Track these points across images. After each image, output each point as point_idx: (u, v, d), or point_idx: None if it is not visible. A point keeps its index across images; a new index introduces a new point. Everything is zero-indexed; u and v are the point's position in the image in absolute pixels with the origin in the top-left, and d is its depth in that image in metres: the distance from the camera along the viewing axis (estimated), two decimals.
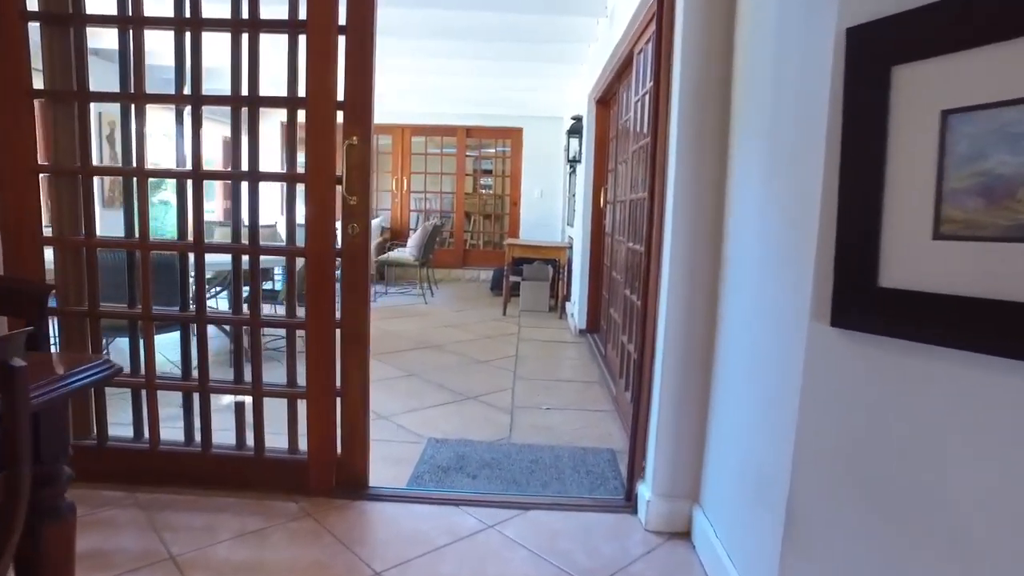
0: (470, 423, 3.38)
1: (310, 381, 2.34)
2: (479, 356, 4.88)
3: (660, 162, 2.22)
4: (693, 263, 2.10)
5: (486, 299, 7.73)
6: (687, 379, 2.16)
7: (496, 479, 2.67)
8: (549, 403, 3.74)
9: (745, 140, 1.88)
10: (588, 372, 4.51)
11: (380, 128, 9.25)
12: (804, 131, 1.39)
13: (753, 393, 1.71)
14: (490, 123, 9.13)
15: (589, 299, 5.66)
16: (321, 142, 2.20)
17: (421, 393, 3.86)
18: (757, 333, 1.69)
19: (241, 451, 2.43)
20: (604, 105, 5.38)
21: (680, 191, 2.09)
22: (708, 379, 2.13)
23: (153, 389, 2.39)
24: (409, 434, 3.17)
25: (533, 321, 6.42)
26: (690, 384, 2.16)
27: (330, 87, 2.18)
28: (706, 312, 2.10)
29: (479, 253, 9.64)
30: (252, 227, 2.29)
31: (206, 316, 2.35)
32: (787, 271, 1.49)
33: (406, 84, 7.05)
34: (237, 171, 2.26)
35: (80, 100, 2.25)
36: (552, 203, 9.04)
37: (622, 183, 4.21)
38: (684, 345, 2.15)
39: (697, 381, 2.15)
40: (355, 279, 2.30)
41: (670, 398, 2.19)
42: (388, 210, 9.54)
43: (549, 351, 5.15)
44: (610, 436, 3.24)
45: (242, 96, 2.22)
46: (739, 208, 1.90)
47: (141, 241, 2.30)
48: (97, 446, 2.43)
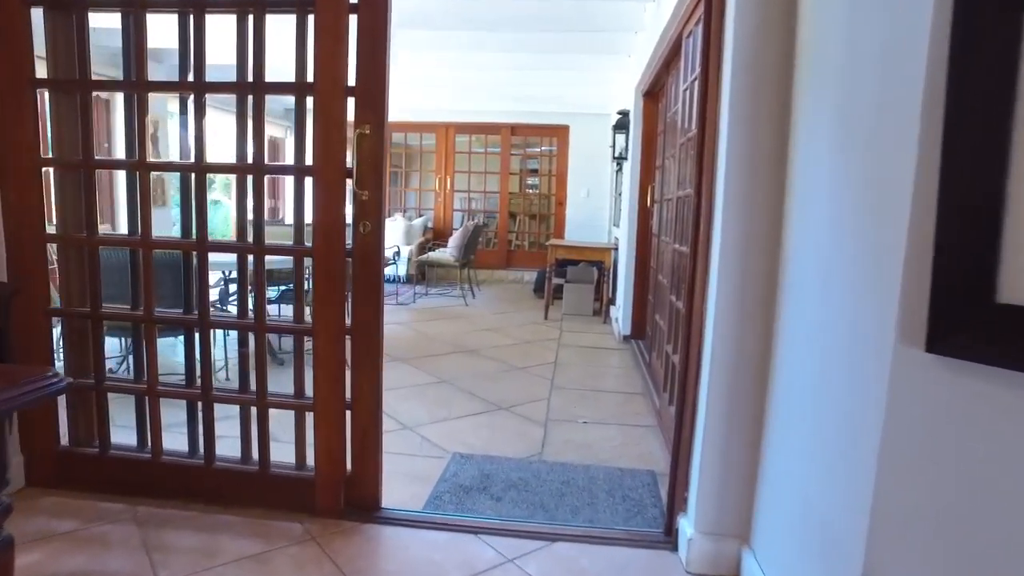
0: (500, 436, 3.15)
1: (317, 392, 2.15)
2: (516, 362, 4.64)
3: (708, 154, 1.94)
4: (745, 267, 1.81)
5: (529, 301, 7.49)
6: (737, 400, 1.88)
7: (522, 502, 2.43)
8: (586, 416, 3.48)
9: (811, 122, 1.58)
10: (630, 382, 4.22)
11: (423, 126, 9.14)
12: (891, 104, 1.11)
13: (818, 426, 1.42)
14: (536, 120, 8.89)
15: (634, 304, 5.35)
16: (330, 132, 2.01)
17: (451, 402, 3.65)
18: (824, 353, 1.40)
19: (246, 465, 2.26)
20: (652, 98, 5.07)
21: (731, 186, 1.80)
22: (762, 401, 1.84)
23: (155, 396, 2.25)
24: (433, 448, 2.96)
25: (576, 325, 6.15)
26: (740, 406, 1.87)
27: (340, 70, 1.98)
28: (760, 323, 1.81)
29: (524, 254, 9.40)
30: (256, 225, 2.11)
31: (209, 320, 2.19)
32: (864, 279, 1.20)
33: (446, 78, 6.88)
34: (242, 164, 2.09)
35: (82, 89, 2.12)
36: (599, 203, 8.73)
37: (669, 180, 3.91)
38: (734, 360, 1.86)
39: (749, 403, 1.86)
40: (367, 282, 2.10)
41: (717, 421, 1.90)
42: (431, 210, 9.41)
43: (590, 358, 4.88)
44: (651, 455, 2.96)
45: (246, 83, 2.05)
46: (802, 203, 1.61)
47: (143, 240, 2.16)
48: (99, 454, 2.30)
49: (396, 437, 3.07)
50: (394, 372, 4.22)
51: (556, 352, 5.00)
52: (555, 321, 6.32)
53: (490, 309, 6.93)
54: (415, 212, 9.50)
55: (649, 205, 5.09)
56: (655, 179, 4.86)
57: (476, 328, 5.85)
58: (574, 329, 5.97)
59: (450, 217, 9.33)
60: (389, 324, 5.88)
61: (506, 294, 8.08)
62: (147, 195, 2.15)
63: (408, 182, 9.99)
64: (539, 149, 9.62)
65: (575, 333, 5.79)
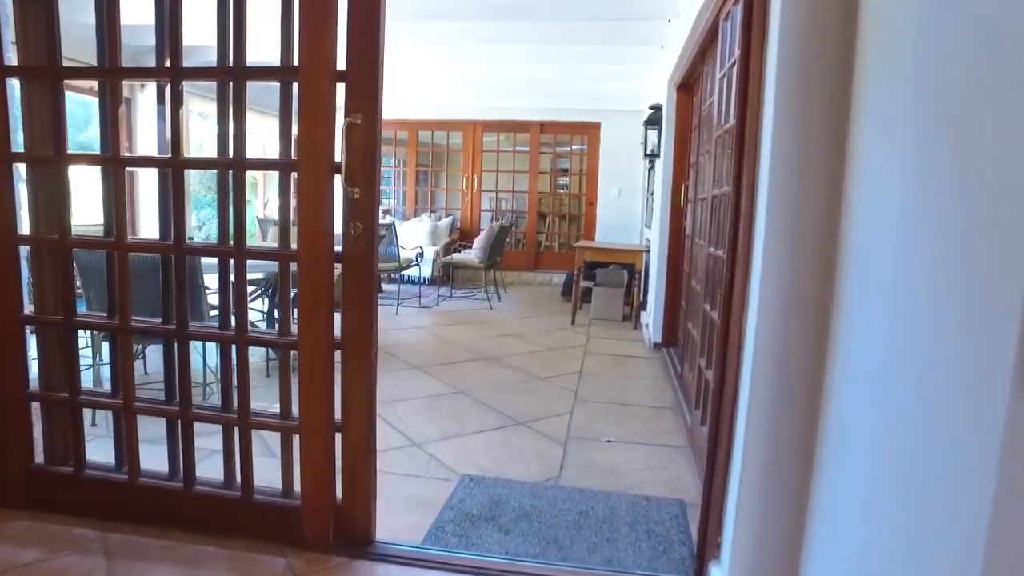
0: (515, 456, 2.89)
1: (303, 412, 1.93)
2: (539, 371, 4.39)
3: (749, 145, 1.66)
4: (793, 276, 1.53)
5: (556, 305, 7.22)
6: (780, 432, 1.59)
7: (534, 536, 2.17)
8: (611, 434, 3.20)
9: (881, 105, 1.29)
10: (660, 395, 3.92)
11: (450, 124, 8.94)
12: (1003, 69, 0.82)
13: (892, 482, 1.13)
14: (566, 118, 8.61)
15: (666, 310, 5.05)
16: (316, 121, 1.78)
17: (465, 415, 3.41)
18: (896, 393, 1.12)
19: (228, 490, 2.05)
20: (686, 91, 4.77)
21: (776, 182, 1.52)
22: (812, 437, 1.55)
23: (131, 413, 2.06)
24: (441, 468, 2.72)
25: (604, 331, 5.86)
26: (784, 440, 1.59)
27: (327, 51, 1.76)
28: (810, 342, 1.53)
29: (553, 256, 9.12)
30: (238, 226, 1.90)
31: (187, 331, 1.99)
32: (958, 297, 0.92)
33: (473, 74, 6.65)
34: (221, 158, 1.88)
35: (52, 77, 1.94)
36: (631, 203, 8.41)
37: (704, 177, 3.61)
38: (777, 387, 1.58)
39: (795, 437, 1.57)
40: (358, 290, 1.87)
41: (756, 456, 1.62)
42: (459, 210, 9.20)
43: (618, 368, 4.59)
44: (680, 481, 2.67)
45: (226, 68, 1.84)
46: (868, 202, 1.32)
47: (117, 242, 1.96)
48: (74, 474, 2.12)
49: (402, 456, 2.84)
50: (408, 381, 4.01)
51: (581, 361, 4.73)
52: (582, 326, 6.04)
53: (515, 313, 6.68)
54: (443, 212, 9.30)
55: (682, 205, 4.78)
56: (689, 177, 4.56)
57: (499, 333, 5.60)
58: (602, 335, 5.68)
59: (477, 217, 9.10)
60: (408, 328, 5.72)
61: (533, 297, 7.82)
62: (122, 192, 1.95)
63: (436, 182, 9.81)
64: (569, 148, 9.33)
65: (603, 340, 5.50)
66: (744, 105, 1.66)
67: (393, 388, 3.83)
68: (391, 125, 9.18)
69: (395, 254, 6.54)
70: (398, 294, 6.88)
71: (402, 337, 5.33)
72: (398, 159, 9.60)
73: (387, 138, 9.40)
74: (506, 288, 8.19)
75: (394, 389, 3.81)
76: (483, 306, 6.96)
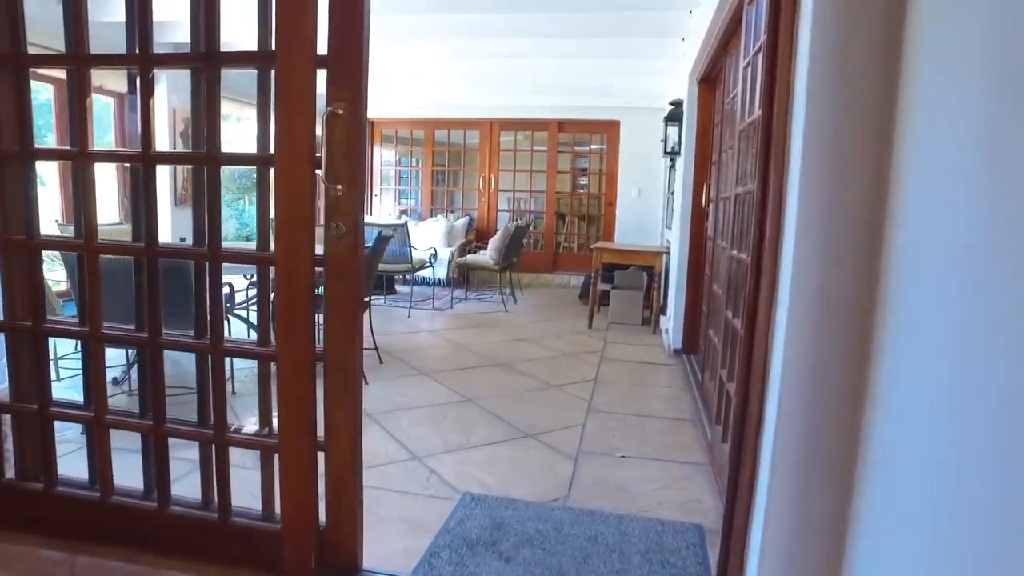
0: (521, 472, 2.71)
1: (282, 430, 1.76)
2: (552, 379, 4.20)
3: (777, 134, 1.47)
4: (827, 284, 1.33)
5: (573, 308, 7.02)
6: (812, 459, 1.39)
7: (537, 565, 1.99)
8: (625, 448, 3.00)
9: (942, 86, 1.09)
10: (680, 405, 3.71)
11: (466, 123, 8.78)
12: None
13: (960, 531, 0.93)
14: (584, 116, 8.40)
15: (686, 314, 4.83)
16: (293, 110, 1.62)
17: (472, 426, 3.24)
18: (973, 417, 0.91)
19: (205, 511, 1.90)
20: (708, 85, 4.54)
21: (809, 177, 1.32)
22: (850, 465, 1.35)
23: (103, 427, 1.91)
24: (441, 485, 2.55)
25: (622, 336, 5.65)
26: (818, 467, 1.39)
27: (306, 34, 1.59)
28: (849, 357, 1.32)
29: (571, 257, 8.91)
30: (211, 224, 1.75)
31: (161, 340, 1.84)
32: None
33: (489, 70, 6.48)
34: (196, 152, 1.73)
35: (16, 65, 1.80)
36: (651, 203, 8.18)
37: (726, 175, 3.40)
38: (808, 406, 1.38)
39: (829, 464, 1.37)
40: (341, 298, 1.71)
41: (784, 483, 1.42)
42: (475, 210, 9.03)
43: (635, 375, 4.38)
44: (699, 504, 2.47)
45: (197, 53, 1.68)
46: (924, 201, 1.11)
47: (86, 243, 1.82)
48: (44, 490, 1.98)
49: (401, 471, 2.67)
50: (414, 388, 3.84)
51: (597, 367, 4.53)
52: (600, 331, 5.84)
53: (530, 316, 6.49)
54: (460, 212, 9.14)
55: (704, 205, 4.56)
56: (711, 175, 4.34)
57: (512, 337, 5.42)
58: (620, 340, 5.47)
59: (494, 217, 8.93)
60: (419, 332, 5.56)
61: (550, 300, 7.63)
62: (90, 189, 1.81)
63: (453, 181, 9.66)
64: (588, 147, 9.12)
65: (620, 345, 5.29)
66: (771, 92, 1.47)
67: (398, 395, 3.67)
68: (407, 124, 9.06)
69: (407, 255, 6.40)
70: (411, 296, 6.74)
71: (412, 341, 5.18)
72: (414, 159, 9.47)
73: (403, 137, 9.29)
74: (523, 290, 8.01)
75: (399, 396, 3.65)
76: (498, 309, 6.79)
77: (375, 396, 3.64)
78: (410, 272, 6.55)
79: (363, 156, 1.66)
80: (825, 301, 1.32)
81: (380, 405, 3.48)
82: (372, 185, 9.16)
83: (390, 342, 4.99)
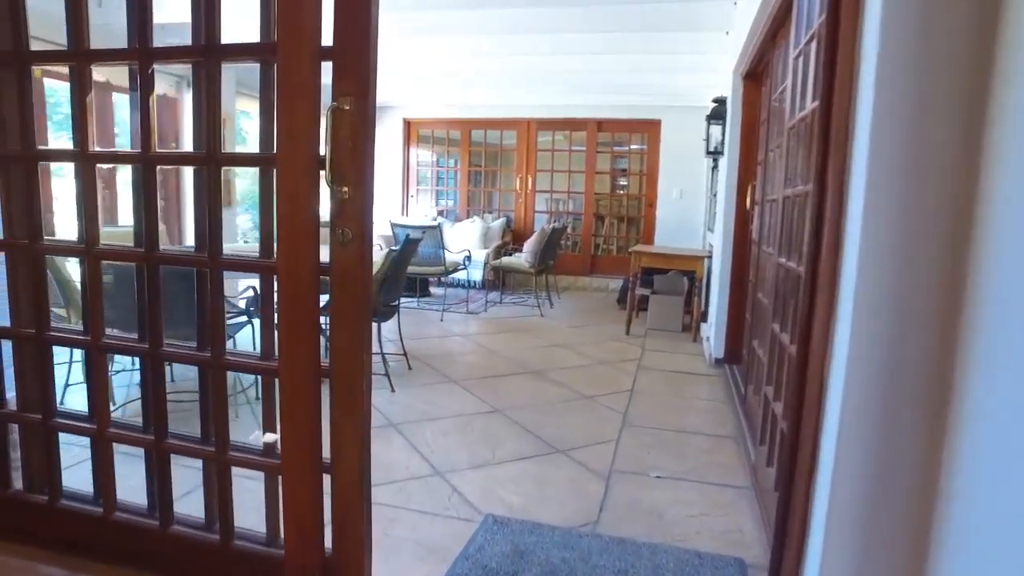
0: (549, 493, 2.55)
1: (285, 450, 1.64)
2: (586, 389, 4.01)
3: (837, 131, 1.27)
4: (901, 301, 1.13)
5: (611, 313, 6.81)
6: (876, 526, 1.19)
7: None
8: (661, 468, 2.81)
9: None
10: (720, 421, 3.49)
11: (503, 122, 8.64)
12: None
13: None
14: (624, 115, 8.17)
15: (729, 323, 4.58)
16: (296, 106, 1.49)
17: (499, 439, 3.09)
18: None
19: (208, 532, 1.79)
20: (753, 81, 4.30)
21: (878, 176, 1.13)
22: (923, 538, 1.14)
23: (105, 440, 1.82)
24: (463, 505, 2.40)
25: (661, 343, 5.42)
26: (883, 539, 1.19)
27: (308, 22, 1.46)
28: (926, 395, 1.12)
29: (610, 260, 8.68)
30: (211, 229, 1.63)
31: (161, 351, 1.74)
32: None
33: (526, 67, 6.31)
34: (195, 152, 1.62)
35: (18, 63, 1.72)
36: (693, 204, 7.90)
37: (773, 176, 3.17)
38: (874, 456, 1.18)
39: (899, 533, 1.17)
40: (347, 308, 1.57)
41: (840, 553, 1.22)
42: (512, 211, 8.89)
43: (674, 386, 4.16)
44: (740, 535, 2.26)
45: (196, 47, 1.57)
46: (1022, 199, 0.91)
47: (87, 248, 1.73)
48: (48, 503, 1.91)
49: (422, 488, 2.54)
50: (443, 396, 3.71)
51: (634, 377, 4.33)
52: (637, 337, 5.62)
53: (566, 321, 6.31)
54: (498, 213, 9.00)
55: (748, 207, 4.32)
56: (756, 176, 4.10)
57: (546, 343, 5.26)
58: (658, 348, 5.25)
59: (531, 219, 8.77)
60: (451, 336, 5.44)
61: (587, 304, 7.43)
62: (92, 192, 1.72)
63: (490, 182, 9.53)
64: (628, 147, 8.87)
65: (659, 353, 5.07)
66: (830, 79, 1.27)
67: (424, 404, 3.54)
68: (443, 124, 8.97)
69: (441, 257, 6.29)
70: (444, 299, 6.63)
71: (443, 346, 5.06)
72: (451, 159, 9.38)
73: (439, 138, 9.20)
74: (559, 294, 7.84)
75: (425, 405, 3.52)
76: (533, 313, 6.63)
77: (401, 404, 3.52)
78: (443, 275, 6.44)
79: (371, 155, 1.52)
80: (896, 320, 1.12)
81: (405, 414, 3.36)
82: (407, 186, 9.10)
83: (420, 347, 4.88)
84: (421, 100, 8.43)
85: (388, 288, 3.81)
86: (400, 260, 3.83)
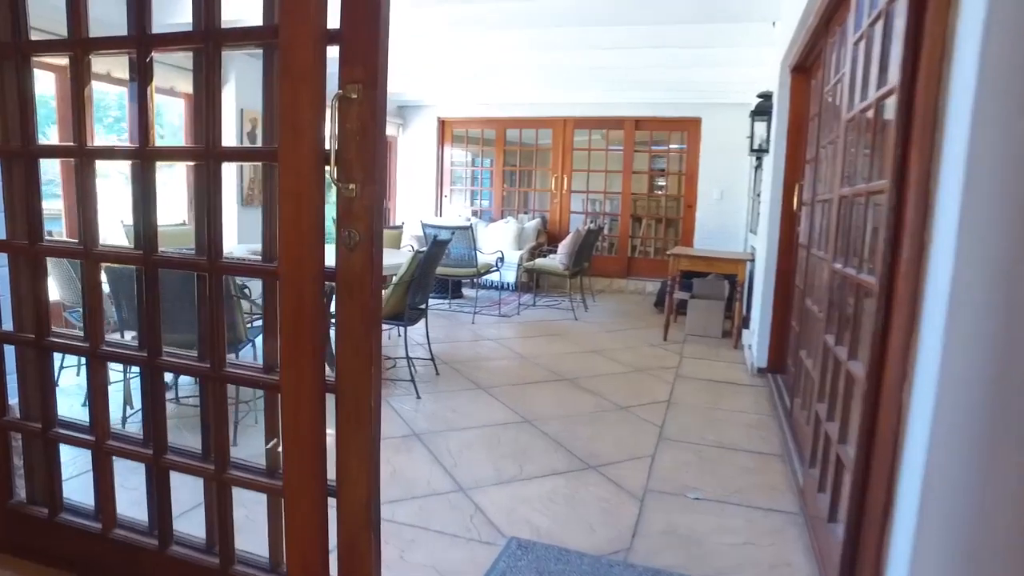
0: (578, 514, 2.37)
1: (287, 471, 1.51)
2: (620, 399, 3.82)
3: (923, 119, 1.07)
4: (1010, 325, 0.93)
5: (648, 317, 6.58)
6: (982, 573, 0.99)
7: None
8: (700, 488, 2.60)
9: None
10: (765, 436, 3.26)
11: (539, 121, 8.48)
12: None
13: None
14: (663, 113, 7.91)
15: (773, 329, 4.33)
16: (298, 95, 1.35)
17: (527, 453, 2.92)
18: None
19: (207, 555, 1.67)
20: (802, 74, 4.05)
21: (980, 175, 0.93)
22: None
23: (104, 453, 1.72)
24: (485, 526, 2.25)
25: (700, 350, 5.19)
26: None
27: (312, 3, 1.32)
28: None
29: (647, 262, 8.43)
30: (211, 232, 1.51)
31: (159, 361, 1.62)
32: None
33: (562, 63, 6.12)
34: (194, 147, 1.50)
35: (17, 55, 1.63)
36: (734, 205, 7.60)
37: (825, 175, 2.94)
38: (970, 515, 0.98)
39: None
40: (354, 317, 1.43)
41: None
42: (547, 211, 8.71)
43: (714, 396, 3.94)
44: (789, 569, 2.05)
45: (196, 32, 1.45)
46: None
47: (86, 250, 1.63)
48: (47, 518, 1.82)
49: (443, 505, 2.39)
50: (470, 405, 3.56)
51: (671, 386, 4.11)
52: (676, 343, 5.39)
53: (601, 325, 6.11)
54: (533, 213, 8.83)
55: (796, 208, 4.06)
56: (804, 175, 3.84)
57: (580, 349, 5.07)
58: (697, 355, 5.02)
59: (567, 220, 8.57)
60: (481, 340, 5.28)
61: (623, 307, 7.20)
62: (90, 190, 1.61)
63: (526, 182, 9.37)
64: (667, 146, 8.60)
65: (698, 361, 4.84)
66: (915, 54, 1.07)
67: (450, 413, 3.40)
68: (477, 123, 8.84)
69: (473, 258, 6.15)
70: (476, 301, 6.50)
71: (473, 350, 4.91)
72: (486, 159, 9.25)
73: (474, 137, 9.08)
74: (595, 296, 7.63)
75: (451, 414, 3.38)
76: (567, 316, 6.44)
77: (426, 413, 3.38)
78: (475, 276, 6.30)
79: (382, 150, 1.38)
80: (1002, 347, 0.92)
81: (430, 424, 3.22)
82: (441, 186, 9.00)
83: (449, 351, 4.75)
84: (455, 98, 8.31)
85: (415, 291, 3.68)
86: (427, 262, 3.70)
